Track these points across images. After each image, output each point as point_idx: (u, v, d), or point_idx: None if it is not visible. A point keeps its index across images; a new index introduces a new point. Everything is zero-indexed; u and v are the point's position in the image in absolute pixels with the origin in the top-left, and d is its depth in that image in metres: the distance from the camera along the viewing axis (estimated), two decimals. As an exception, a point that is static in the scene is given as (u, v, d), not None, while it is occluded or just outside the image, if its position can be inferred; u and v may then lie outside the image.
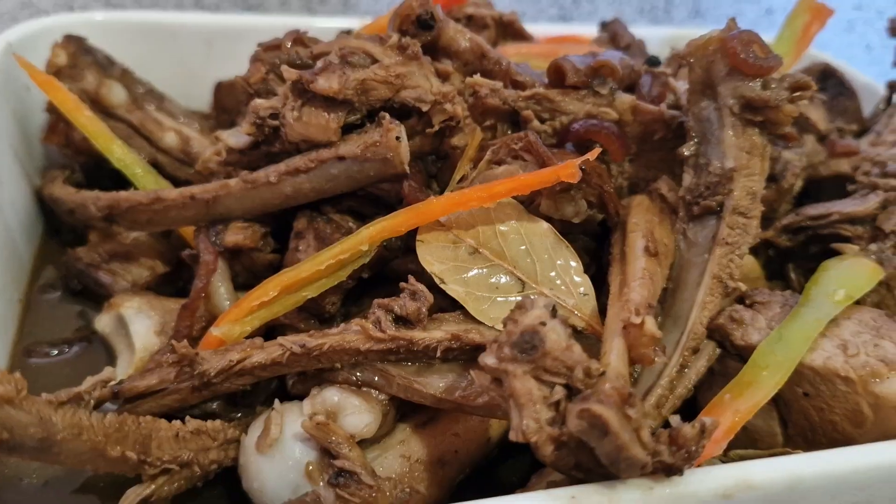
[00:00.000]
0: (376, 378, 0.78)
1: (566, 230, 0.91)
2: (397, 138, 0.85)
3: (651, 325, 0.70)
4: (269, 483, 0.74)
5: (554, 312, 0.68)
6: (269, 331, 0.87)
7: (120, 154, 0.97)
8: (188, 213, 0.92)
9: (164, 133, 1.14)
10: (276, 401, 0.77)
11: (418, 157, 0.93)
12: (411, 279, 0.80)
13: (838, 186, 1.09)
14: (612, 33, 1.25)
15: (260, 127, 0.88)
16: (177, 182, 1.03)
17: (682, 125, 0.93)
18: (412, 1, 0.91)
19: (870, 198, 1.00)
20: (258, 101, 0.87)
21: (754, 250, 1.03)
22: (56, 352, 0.94)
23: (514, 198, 0.86)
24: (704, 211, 0.87)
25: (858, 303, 0.92)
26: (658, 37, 1.60)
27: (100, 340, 0.94)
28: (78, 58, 1.10)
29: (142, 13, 1.45)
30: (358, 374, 0.78)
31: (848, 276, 0.88)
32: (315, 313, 0.89)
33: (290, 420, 0.76)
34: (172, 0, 1.74)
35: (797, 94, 0.86)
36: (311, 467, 0.73)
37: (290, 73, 0.85)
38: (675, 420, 0.66)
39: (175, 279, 1.02)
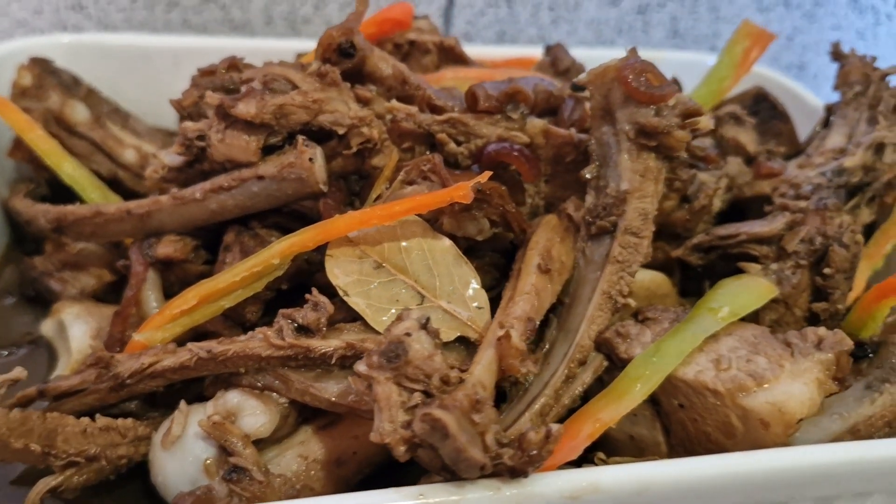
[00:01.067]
0: (276, 382, 0.84)
1: (476, 247, 0.96)
2: (310, 160, 0.91)
3: (516, 338, 0.76)
4: (171, 477, 0.81)
5: (424, 325, 0.74)
6: (201, 336, 0.94)
7: (69, 170, 1.05)
8: (126, 226, 0.99)
9: (124, 150, 1.21)
10: (182, 402, 0.84)
11: (341, 176, 0.99)
12: (314, 291, 0.87)
13: (761, 207, 1.13)
14: (554, 57, 1.30)
15: (189, 147, 0.95)
16: (137, 196, 1.11)
17: (590, 148, 0.98)
18: (333, 31, 0.97)
19: (778, 218, 1.04)
20: (187, 124, 0.94)
21: (669, 268, 1.08)
22: (6, 353, 1.02)
23: (421, 216, 0.92)
24: (600, 230, 0.92)
25: (755, 320, 0.96)
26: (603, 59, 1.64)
27: (45, 344, 1.02)
28: (43, 79, 1.18)
29: (109, 36, 1.53)
30: (260, 378, 0.85)
31: (736, 293, 0.92)
32: (238, 321, 0.96)
33: (194, 419, 0.82)
34: (161, 21, 1.83)
35: (689, 120, 0.91)
36: (209, 463, 0.80)
37: (212, 99, 0.91)
38: (556, 428, 0.71)
39: (121, 288, 1.09)
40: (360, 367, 0.72)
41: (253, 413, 0.82)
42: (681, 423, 0.85)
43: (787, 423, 0.78)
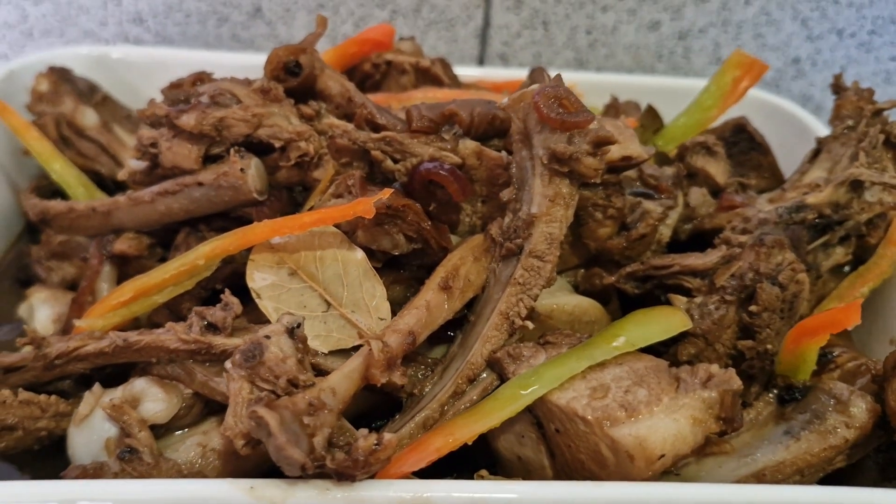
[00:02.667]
0: (182, 374, 0.91)
1: (400, 261, 1.00)
2: (242, 170, 0.98)
3: (376, 349, 0.79)
4: (78, 451, 0.89)
5: (292, 330, 0.79)
6: (155, 327, 1.02)
7: (58, 168, 1.17)
8: (93, 222, 1.09)
9: (127, 153, 1.32)
10: (97, 384, 0.92)
11: (286, 187, 1.05)
12: (227, 292, 0.93)
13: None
14: (531, 81, 1.31)
15: (145, 153, 1.04)
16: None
17: (521, 171, 0.99)
18: (280, 50, 1.04)
19: (714, 252, 1.02)
20: (142, 131, 1.03)
21: (605, 295, 1.08)
22: (-9, 328, 1.14)
23: (340, 229, 0.97)
24: (509, 252, 0.94)
25: (674, 354, 0.95)
26: (642, 85, 1.64)
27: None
28: (59, 86, 1.31)
29: (130, 48, 1.66)
30: (168, 368, 0.92)
31: (642, 324, 0.92)
32: (179, 317, 1.03)
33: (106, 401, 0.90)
34: (213, 35, 1.97)
35: (602, 148, 0.91)
36: (109, 441, 0.87)
37: (160, 110, 1.00)
38: (388, 437, 0.74)
39: (100, 278, 1.19)
40: (227, 364, 0.77)
41: (154, 399, 0.89)
42: (559, 447, 0.85)
43: (648, 457, 0.77)
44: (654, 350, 0.92)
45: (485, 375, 0.90)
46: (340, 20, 1.98)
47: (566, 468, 0.86)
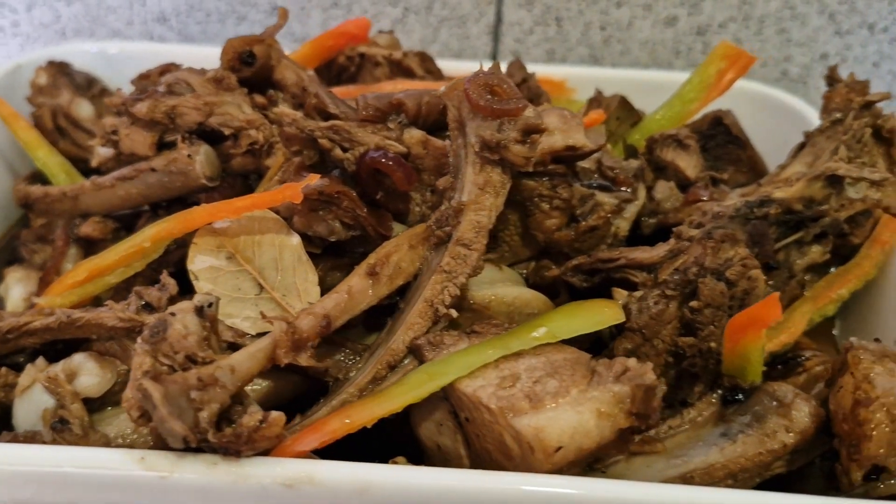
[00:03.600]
0: (119, 350, 0.94)
1: (342, 247, 1.01)
2: (189, 156, 1.00)
3: (278, 329, 0.80)
4: (19, 420, 0.93)
5: (201, 309, 0.80)
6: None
7: (42, 156, 1.22)
8: (64, 206, 1.14)
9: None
10: (41, 358, 0.96)
11: (241, 174, 1.08)
12: (164, 273, 0.95)
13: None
14: (507, 73, 1.31)
15: (108, 140, 1.08)
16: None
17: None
18: (234, 41, 1.06)
19: (663, 245, 0.99)
20: (105, 119, 1.07)
21: (555, 288, 1.06)
22: (-23, 305, 1.20)
23: (281, 215, 0.98)
24: (439, 240, 0.93)
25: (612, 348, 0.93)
26: (641, 80, 1.61)
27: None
28: (57, 79, 1.37)
29: (132, 44, 1.71)
30: (107, 345, 0.95)
31: (571, 315, 0.90)
32: (136, 297, 1.07)
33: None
34: (232, 32, 2.02)
35: (532, 136, 0.90)
36: (46, 412, 0.91)
37: (118, 98, 1.04)
38: (274, 415, 0.75)
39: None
40: (138, 339, 0.80)
41: (89, 374, 0.92)
42: (470, 436, 0.84)
43: (545, 449, 0.76)
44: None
45: (407, 362, 0.89)
46: (353, 17, 2.00)
47: (478, 458, 0.85)
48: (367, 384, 0.88)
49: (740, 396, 0.92)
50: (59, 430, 0.88)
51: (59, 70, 1.39)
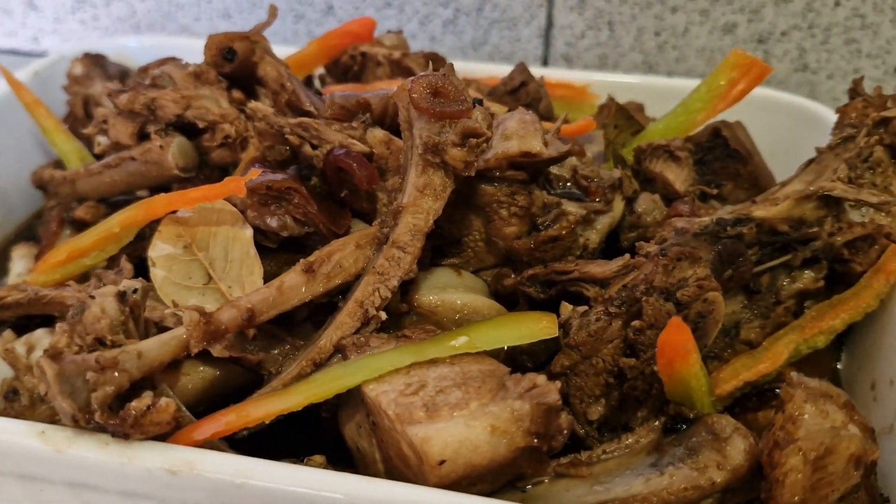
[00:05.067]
0: (76, 328, 0.98)
1: (310, 244, 1.02)
2: (161, 147, 1.04)
3: (187, 318, 0.81)
4: (-17, 387, 0.99)
5: (123, 294, 0.83)
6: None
7: (59, 142, 1.29)
8: (66, 189, 1.21)
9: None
10: (8, 331, 1.02)
11: (221, 166, 1.11)
12: (124, 258, 0.99)
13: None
14: (509, 76, 1.28)
15: (100, 130, 1.13)
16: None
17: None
18: (217, 37, 1.09)
19: (617, 260, 0.94)
20: (99, 109, 1.13)
21: (513, 297, 1.03)
22: (-6, 278, 1.29)
23: (238, 208, 1.00)
24: (378, 241, 0.92)
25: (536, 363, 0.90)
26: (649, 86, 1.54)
27: (11, 275, 1.27)
28: (91, 69, 1.45)
29: (169, 38, 1.77)
30: (68, 322, 0.99)
31: (498, 327, 0.87)
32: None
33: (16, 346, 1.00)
34: (290, 31, 2.08)
35: (471, 140, 0.87)
36: (5, 382, 0.96)
37: (105, 90, 1.09)
38: (163, 402, 0.76)
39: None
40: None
41: (44, 348, 0.97)
42: (379, 442, 0.83)
43: (429, 462, 0.73)
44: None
45: (334, 361, 0.89)
46: (406, 18, 2.01)
47: (386, 464, 0.83)
48: (292, 380, 0.88)
49: (682, 426, 0.87)
50: (10, 399, 0.93)
51: (94, 61, 1.47)
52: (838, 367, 1.12)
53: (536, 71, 1.42)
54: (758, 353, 1.00)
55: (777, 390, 0.99)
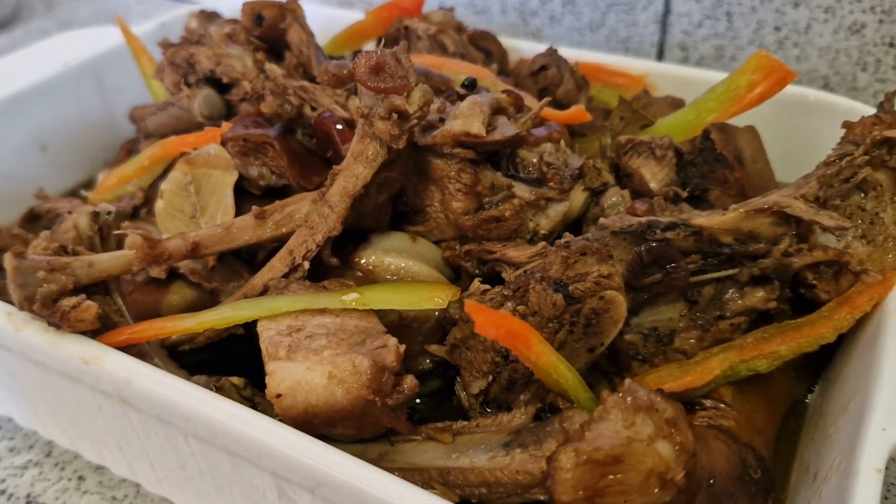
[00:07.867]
0: (97, 241, 1.18)
1: (287, 192, 1.13)
2: (188, 97, 1.20)
3: (130, 241, 0.96)
4: None
5: (96, 215, 1.00)
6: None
7: (154, 85, 1.51)
8: (142, 125, 1.41)
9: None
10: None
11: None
12: (139, 186, 1.17)
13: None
14: (534, 60, 1.29)
15: (159, 77, 1.32)
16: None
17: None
18: (251, 3, 1.22)
19: (533, 247, 0.96)
20: (161, 60, 1.31)
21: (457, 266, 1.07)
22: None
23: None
24: (321, 198, 1.01)
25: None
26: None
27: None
28: (205, 25, 1.66)
29: None
30: (93, 235, 1.19)
31: (395, 291, 0.94)
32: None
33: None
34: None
35: (394, 115, 0.93)
36: None
37: (162, 44, 1.26)
38: (85, 304, 0.92)
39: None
40: (54, 228, 1.02)
41: (70, 253, 1.17)
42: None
43: (269, 392, 0.82)
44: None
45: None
46: (527, -4, 2.04)
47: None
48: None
49: (545, 415, 0.88)
50: None
51: (208, 18, 1.67)
52: (807, 398, 1.04)
53: (590, 56, 1.42)
54: (688, 364, 0.97)
55: (696, 406, 0.96)
